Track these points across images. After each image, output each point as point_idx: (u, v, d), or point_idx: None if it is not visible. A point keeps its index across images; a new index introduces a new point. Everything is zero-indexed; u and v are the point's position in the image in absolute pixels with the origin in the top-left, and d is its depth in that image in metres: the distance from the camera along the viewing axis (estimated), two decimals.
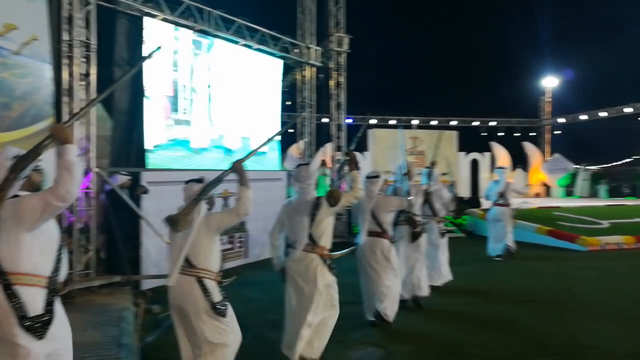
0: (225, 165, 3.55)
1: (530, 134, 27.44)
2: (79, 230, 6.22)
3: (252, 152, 3.58)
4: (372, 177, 5.09)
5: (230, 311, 3.35)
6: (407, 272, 5.83)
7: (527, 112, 27.91)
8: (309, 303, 3.95)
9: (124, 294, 6.01)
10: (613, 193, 23.29)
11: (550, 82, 27.57)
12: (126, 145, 7.75)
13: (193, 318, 3.22)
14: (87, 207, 6.35)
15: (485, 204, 12.20)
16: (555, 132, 27.71)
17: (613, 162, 30.82)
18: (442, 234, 6.99)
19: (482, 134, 25.91)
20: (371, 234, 5.06)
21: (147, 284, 6.51)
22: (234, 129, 9.65)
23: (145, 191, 6.63)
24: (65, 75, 6.18)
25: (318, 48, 11.24)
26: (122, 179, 7.02)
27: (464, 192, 19.32)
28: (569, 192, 24.48)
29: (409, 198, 5.35)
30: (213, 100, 9.09)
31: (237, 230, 8.78)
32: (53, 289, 2.42)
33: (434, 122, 25.22)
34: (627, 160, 34.76)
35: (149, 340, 4.52)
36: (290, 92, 15.37)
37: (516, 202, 12.41)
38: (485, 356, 4.33)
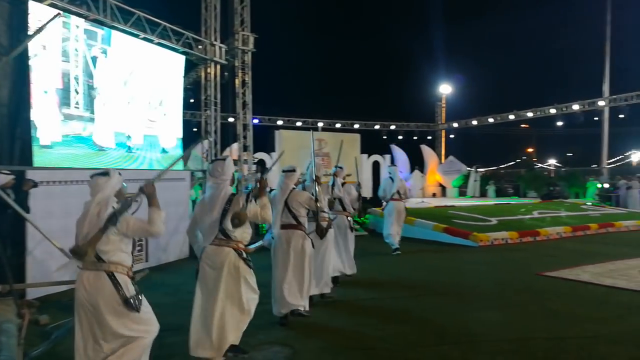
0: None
1: (428, 137, 29.01)
2: None
3: (162, 173, 3.66)
4: (288, 171, 5.27)
5: (145, 304, 3.27)
6: (317, 266, 5.91)
7: (425, 117, 29.54)
8: (216, 298, 3.96)
9: (5, 305, 5.41)
10: (500, 193, 25.27)
11: (445, 89, 29.37)
12: (8, 141, 7.02)
13: (104, 313, 3.10)
14: None
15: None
16: (450, 136, 29.54)
17: (500, 165, 33.55)
18: (352, 229, 7.37)
19: (383, 137, 26.94)
20: (286, 226, 5.19)
21: (34, 293, 5.94)
22: (135, 126, 9.15)
23: (35, 184, 6.09)
24: None
25: (222, 45, 11.01)
26: (4, 178, 6.36)
27: (366, 192, 19.91)
28: (462, 193, 26.17)
29: (317, 203, 5.42)
30: (112, 96, 8.54)
31: None
32: None
33: (338, 125, 25.79)
34: (511, 163, 38.02)
35: (35, 354, 4.12)
36: (194, 89, 14.93)
37: (415, 201, 12.96)
38: (388, 349, 4.46)
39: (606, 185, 20.06)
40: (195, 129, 16.04)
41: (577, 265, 8.16)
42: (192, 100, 15.55)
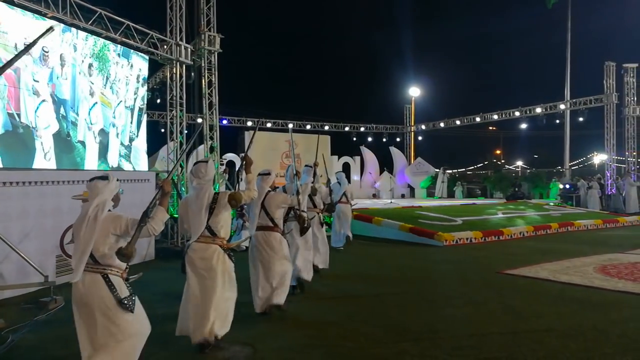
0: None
1: (397, 139, 29.35)
2: None
3: (174, 168, 4.44)
4: (264, 174, 5.55)
5: (137, 305, 3.38)
6: (295, 257, 6.34)
7: (394, 119, 29.90)
8: (212, 288, 4.25)
9: None
10: (467, 194, 25.75)
11: (414, 92, 29.76)
12: None
13: (98, 314, 3.20)
14: None
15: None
16: (418, 138, 29.95)
17: (469, 166, 34.19)
18: (322, 224, 7.76)
19: (353, 139, 27.13)
20: (263, 228, 5.46)
21: None
22: (94, 125, 8.97)
23: None
24: None
25: (188, 46, 10.90)
26: None
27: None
28: (430, 194, 26.57)
29: (298, 196, 5.84)
30: (69, 94, 8.35)
31: None
32: None
33: (308, 126, 25.84)
34: (480, 165, 38.78)
35: None
36: (160, 90, 14.75)
37: (383, 202, 13.00)
38: (350, 347, 4.49)
39: (567, 186, 20.67)
40: (162, 130, 15.87)
41: (537, 263, 8.40)
42: (158, 101, 15.39)
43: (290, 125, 25.23)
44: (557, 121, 23.04)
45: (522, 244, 11.10)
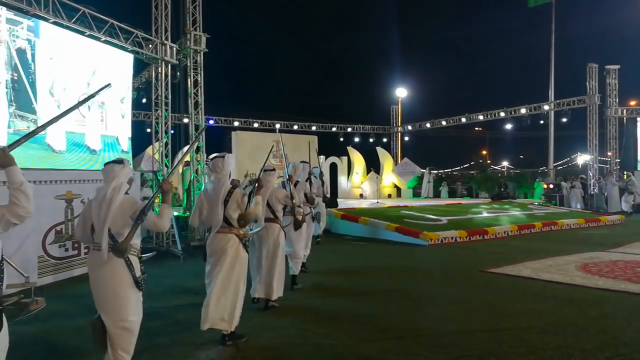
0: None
1: (384, 139, 29.45)
2: None
3: (174, 169, 4.96)
4: (269, 170, 5.79)
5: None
6: (289, 254, 6.81)
7: (381, 119, 29.98)
8: (220, 276, 4.49)
9: None
10: (452, 194, 25.92)
11: (401, 93, 29.90)
12: None
13: (112, 293, 3.34)
14: None
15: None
16: (405, 139, 30.09)
17: (455, 167, 34.43)
18: (313, 218, 8.21)
19: (340, 139, 27.17)
20: (266, 220, 5.77)
21: None
22: (92, 127, 8.90)
23: None
24: None
25: (173, 45, 10.84)
26: None
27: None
28: (416, 194, 26.70)
29: (293, 200, 6.38)
30: (50, 93, 8.25)
31: None
32: None
33: (295, 127, 25.83)
34: (466, 165, 39.09)
35: None
36: (146, 89, 14.64)
37: (370, 202, 12.99)
38: (332, 345, 4.51)
39: (551, 186, 20.93)
40: (148, 130, 15.75)
41: (520, 261, 8.49)
42: (144, 100, 15.29)
43: (278, 126, 25.19)
44: (542, 122, 23.29)
45: (506, 243, 11.21)
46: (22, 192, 2.46)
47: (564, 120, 21.90)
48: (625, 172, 20.74)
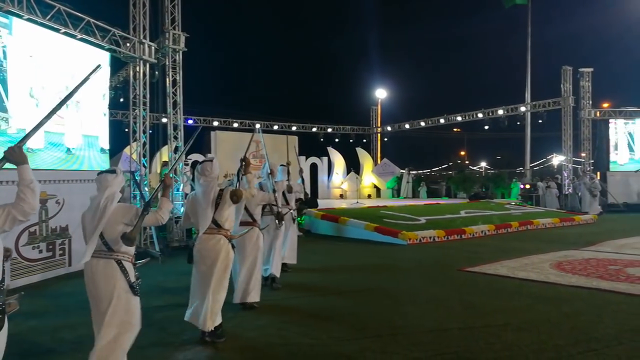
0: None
1: (363, 140, 29.58)
2: None
3: (175, 164, 5.19)
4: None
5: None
6: (270, 253, 6.83)
7: (361, 120, 30.12)
8: (209, 277, 4.57)
9: None
10: (431, 194, 26.18)
11: (380, 94, 30.08)
12: None
13: (112, 298, 3.41)
14: None
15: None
16: (384, 139, 30.27)
17: (434, 167, 34.77)
18: (294, 220, 8.13)
19: (321, 139, 27.20)
20: (244, 223, 5.83)
21: None
22: (71, 126, 8.74)
23: None
24: None
25: (152, 44, 10.73)
26: None
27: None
28: (395, 193, 26.90)
29: (275, 194, 6.43)
30: (30, 94, 8.08)
31: (58, 237, 7.98)
32: None
33: (275, 127, 25.77)
34: (444, 165, 39.51)
35: None
36: (123, 88, 14.45)
37: (350, 202, 13.03)
38: (311, 344, 4.53)
39: (527, 186, 21.28)
40: (126, 129, 15.54)
41: (497, 260, 8.63)
42: (121, 100, 15.08)
43: (258, 126, 25.08)
44: (518, 123, 23.68)
45: (483, 242, 11.38)
46: (31, 190, 2.53)
47: (540, 121, 22.32)
48: (598, 173, 21.17)
